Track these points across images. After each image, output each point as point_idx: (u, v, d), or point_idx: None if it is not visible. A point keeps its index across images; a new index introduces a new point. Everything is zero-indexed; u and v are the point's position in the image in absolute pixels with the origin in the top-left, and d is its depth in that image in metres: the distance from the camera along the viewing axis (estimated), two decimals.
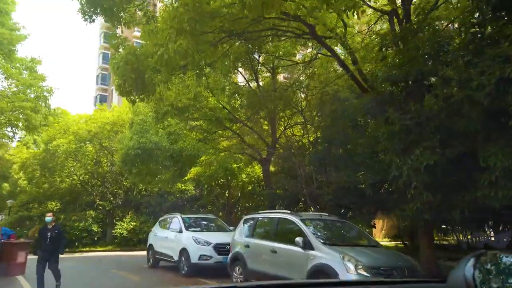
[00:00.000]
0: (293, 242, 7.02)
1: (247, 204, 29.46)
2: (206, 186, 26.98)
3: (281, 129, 17.61)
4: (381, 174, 8.39)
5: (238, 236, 9.07)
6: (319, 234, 7.11)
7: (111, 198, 25.78)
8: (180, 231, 12.01)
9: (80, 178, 26.14)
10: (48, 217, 8.51)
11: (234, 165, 13.55)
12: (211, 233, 12.15)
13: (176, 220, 12.70)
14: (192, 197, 27.01)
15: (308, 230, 6.95)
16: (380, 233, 19.25)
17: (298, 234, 7.04)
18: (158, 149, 12.53)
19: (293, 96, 14.92)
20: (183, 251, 11.37)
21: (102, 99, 52.06)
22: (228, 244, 11.09)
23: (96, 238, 23.91)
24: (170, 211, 25.58)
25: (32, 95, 14.60)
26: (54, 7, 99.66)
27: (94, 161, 26.18)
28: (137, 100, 7.84)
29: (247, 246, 8.40)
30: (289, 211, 8.01)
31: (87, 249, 23.07)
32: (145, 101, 8.94)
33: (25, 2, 77.30)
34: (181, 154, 13.01)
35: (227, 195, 26.74)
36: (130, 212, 26.98)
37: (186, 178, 24.51)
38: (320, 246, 6.59)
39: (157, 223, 14.34)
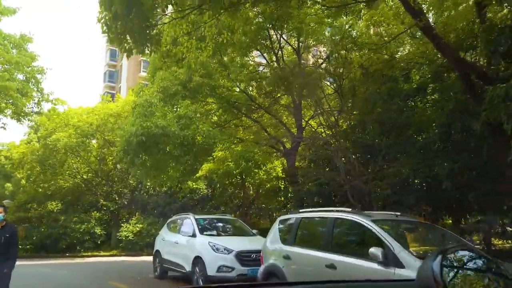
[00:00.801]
0: (362, 254, 4.75)
1: (263, 205, 27.22)
2: (218, 185, 24.76)
3: (308, 114, 15.31)
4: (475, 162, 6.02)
5: (273, 243, 6.78)
6: (403, 243, 4.79)
7: (116, 198, 23.71)
8: (193, 235, 9.76)
9: (83, 176, 24.08)
10: None
11: (257, 154, 11.25)
12: (231, 237, 9.87)
13: (189, 222, 10.46)
14: (203, 197, 24.79)
15: (389, 238, 4.63)
16: None
17: (372, 242, 4.74)
18: (165, 135, 10.30)
19: (323, 76, 12.59)
20: (197, 260, 9.12)
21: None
22: (254, 252, 8.82)
23: (99, 242, 21.83)
24: (180, 212, 23.51)
25: (21, 76, 12.57)
26: (57, 5, 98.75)
27: (98, 158, 24.14)
28: (134, 50, 5.73)
29: (287, 257, 6.09)
30: (349, 209, 5.67)
31: (89, 253, 20.98)
32: (145, 54, 6.77)
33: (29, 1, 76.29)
34: (194, 142, 10.77)
35: (242, 194, 24.46)
36: (136, 213, 24.88)
37: (197, 175, 22.35)
38: (411, 261, 4.28)
39: (165, 225, 12.12)
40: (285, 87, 11.67)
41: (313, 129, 13.37)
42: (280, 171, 21.05)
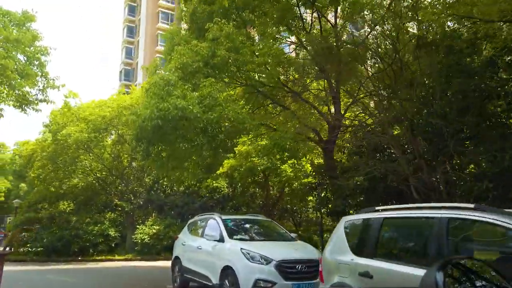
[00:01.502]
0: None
1: (288, 206, 25.30)
2: (239, 184, 22.96)
3: (344, 101, 13.38)
4: None
5: (337, 253, 4.90)
6: None
7: (132, 198, 22.15)
8: (221, 240, 7.95)
9: (97, 174, 22.63)
10: None
11: (290, 144, 9.35)
12: (267, 243, 8.01)
13: (214, 224, 8.66)
14: (223, 197, 23.01)
15: None
16: None
17: None
18: (186, 119, 8.54)
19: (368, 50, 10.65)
20: (227, 272, 7.31)
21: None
22: (300, 262, 6.98)
23: (113, 245, 20.27)
24: (199, 213, 21.88)
25: (21, 57, 11.03)
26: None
27: (112, 155, 22.67)
28: None
29: (366, 274, 4.19)
30: (470, 205, 3.72)
31: (103, 257, 19.44)
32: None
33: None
34: (219, 127, 8.97)
35: (265, 193, 22.59)
36: (153, 214, 23.29)
37: (218, 172, 20.60)
38: None
39: (186, 227, 10.36)
40: (328, 60, 9.75)
41: (356, 115, 11.41)
42: (309, 166, 19.14)
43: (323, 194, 12.33)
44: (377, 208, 4.84)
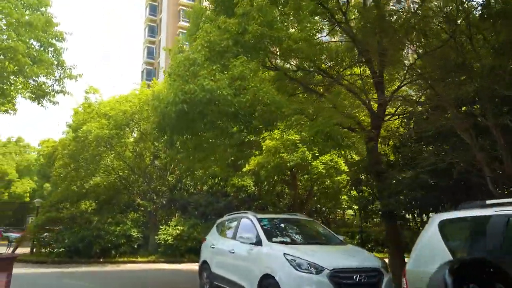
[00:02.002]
0: None
1: (317, 205, 23.90)
2: (265, 182, 21.71)
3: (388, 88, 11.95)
4: None
5: (434, 261, 3.55)
6: None
7: (154, 197, 21.24)
8: (258, 243, 6.73)
9: (119, 173, 21.86)
10: None
11: (338, 130, 8.02)
12: (314, 247, 6.72)
13: (248, 224, 7.46)
14: (248, 196, 21.81)
15: None
16: None
17: None
18: (214, 102, 7.36)
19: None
20: (268, 281, 6.08)
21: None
22: (358, 271, 5.68)
23: (136, 246, 19.37)
24: (224, 213, 20.81)
25: (34, 43, 10.13)
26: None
27: (135, 153, 21.87)
28: None
29: None
30: None
31: (125, 259, 18.58)
32: None
33: None
34: (253, 112, 7.76)
35: (293, 192, 21.27)
36: (176, 214, 22.35)
37: (244, 169, 19.44)
38: None
39: (214, 227, 9.17)
40: (383, 29, 8.38)
41: (406, 99, 9.97)
42: (343, 163, 17.71)
43: (366, 193, 10.91)
44: (489, 202, 3.48)
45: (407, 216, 10.63)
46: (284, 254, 5.99)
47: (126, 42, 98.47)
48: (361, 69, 12.48)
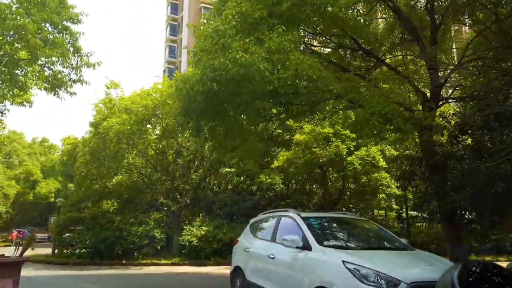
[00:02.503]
0: None
1: (350, 205, 22.38)
2: (293, 180, 20.40)
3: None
4: None
5: None
6: None
7: (178, 196, 20.27)
8: (306, 247, 5.50)
9: (141, 171, 21.03)
10: None
11: (398, 110, 6.68)
12: (379, 253, 5.42)
13: (291, 224, 6.23)
14: (276, 195, 20.56)
15: None
16: None
17: None
18: (249, 80, 6.15)
19: None
20: None
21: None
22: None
23: (159, 247, 18.46)
24: (251, 213, 19.62)
25: (47, 25, 9.20)
26: None
27: (157, 151, 21.00)
28: None
29: None
30: None
31: (148, 261, 17.68)
32: None
33: None
34: (295, 90, 6.52)
35: (324, 190, 19.88)
36: (200, 214, 21.32)
37: (272, 166, 18.22)
38: None
39: (247, 228, 7.96)
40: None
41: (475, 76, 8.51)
42: (380, 158, 16.22)
43: (421, 189, 9.47)
44: None
45: (469, 216, 9.14)
46: (344, 262, 4.73)
47: (146, 40, 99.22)
48: (408, 48, 11.09)
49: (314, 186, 20.40)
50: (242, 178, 22.58)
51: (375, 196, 18.24)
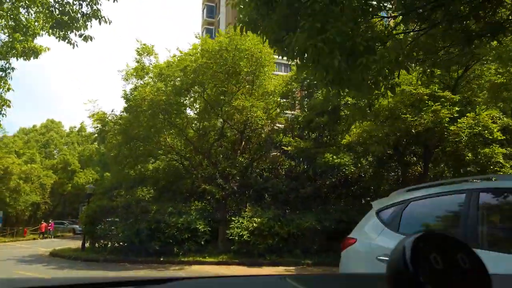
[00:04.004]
0: None
1: None
2: (364, 161, 16.58)
3: None
4: None
5: None
6: None
7: (222, 182, 17.07)
8: None
9: (180, 153, 18.06)
10: None
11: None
12: None
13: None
14: (343, 179, 16.86)
15: None
16: None
17: None
18: None
19: None
20: None
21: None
22: None
23: (202, 242, 15.32)
24: (312, 202, 16.03)
25: None
26: None
27: (199, 131, 17.95)
28: None
29: None
30: None
31: (191, 258, 14.62)
32: None
33: None
34: None
35: (403, 171, 15.92)
36: (247, 203, 18.04)
37: (344, 141, 14.53)
38: None
39: (374, 218, 4.29)
40: None
41: None
42: (495, 129, 12.10)
43: None
44: None
45: None
46: None
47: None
48: None
49: (391, 167, 16.48)
50: (295, 162, 19.12)
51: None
